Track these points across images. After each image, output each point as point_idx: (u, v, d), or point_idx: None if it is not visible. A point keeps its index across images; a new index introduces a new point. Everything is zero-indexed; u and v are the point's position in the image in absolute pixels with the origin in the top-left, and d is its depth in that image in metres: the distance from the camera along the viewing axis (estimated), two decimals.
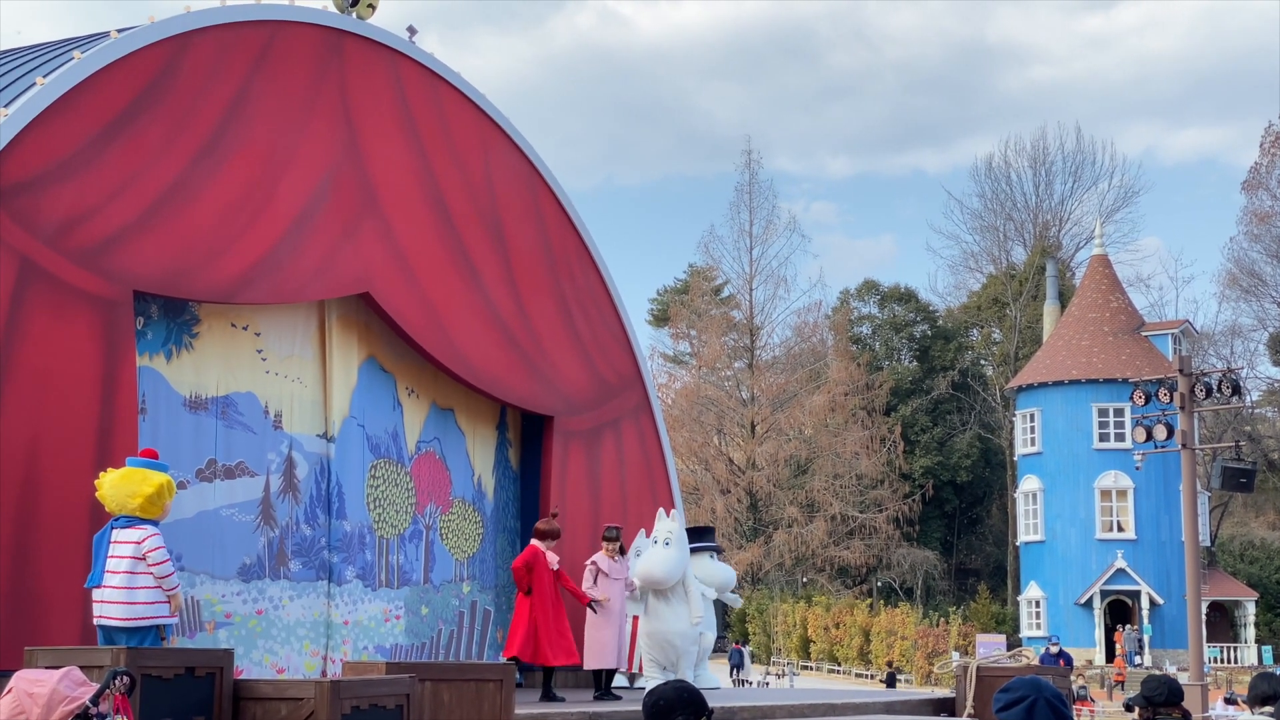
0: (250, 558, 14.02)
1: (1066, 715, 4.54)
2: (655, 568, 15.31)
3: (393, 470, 16.29)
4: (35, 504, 11.94)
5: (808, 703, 14.49)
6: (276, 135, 14.53)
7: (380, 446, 16.14)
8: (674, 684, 4.85)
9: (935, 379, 69.40)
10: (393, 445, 16.37)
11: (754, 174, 69.38)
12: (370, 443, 15.98)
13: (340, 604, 15.36)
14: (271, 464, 14.39)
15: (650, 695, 4.82)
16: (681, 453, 63.52)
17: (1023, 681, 4.58)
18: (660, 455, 19.54)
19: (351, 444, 15.71)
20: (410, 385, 16.70)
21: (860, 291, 74.86)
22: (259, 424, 14.38)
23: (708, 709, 4.77)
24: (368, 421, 15.96)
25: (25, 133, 12.33)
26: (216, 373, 14.08)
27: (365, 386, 16.01)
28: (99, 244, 12.76)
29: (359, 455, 15.82)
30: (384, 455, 16.18)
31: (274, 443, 14.50)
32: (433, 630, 16.59)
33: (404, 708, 9.13)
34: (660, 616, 15.47)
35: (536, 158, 18.02)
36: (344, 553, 15.40)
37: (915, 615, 55.97)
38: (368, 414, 15.98)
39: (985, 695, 15.76)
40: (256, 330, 14.54)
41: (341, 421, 15.65)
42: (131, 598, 10.07)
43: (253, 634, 13.78)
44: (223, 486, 13.90)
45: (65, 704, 6.99)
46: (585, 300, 18.55)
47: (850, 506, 64.33)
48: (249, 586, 13.99)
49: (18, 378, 12.01)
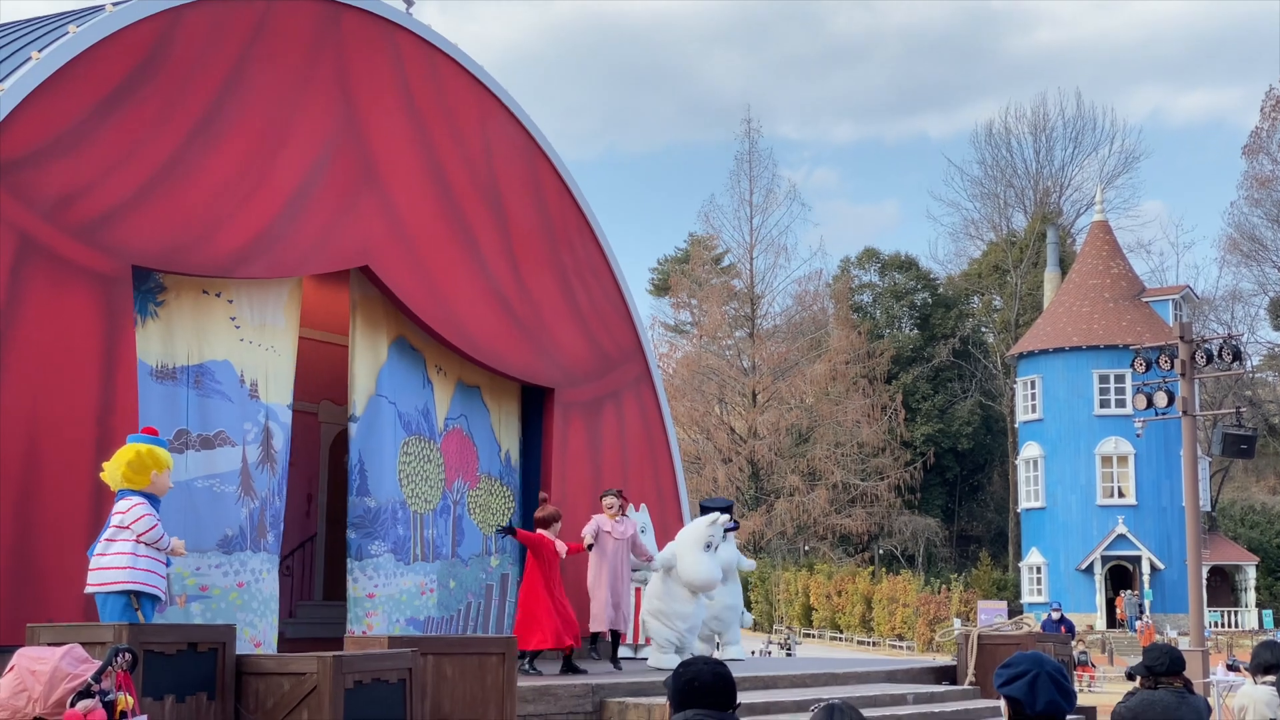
0: (232, 529, 13.64)
1: (1068, 689, 4.54)
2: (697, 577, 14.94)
3: (424, 446, 16.45)
4: (36, 481, 11.94)
5: (810, 672, 14.53)
6: (274, 109, 14.48)
7: (412, 423, 16.29)
8: (712, 666, 4.68)
9: (936, 347, 69.40)
10: (424, 422, 16.52)
11: (754, 143, 69.27)
12: (402, 420, 16.12)
13: (363, 578, 15.47)
14: (249, 434, 13.98)
15: (685, 671, 4.66)
16: (683, 422, 63.57)
17: (1024, 656, 4.57)
18: (661, 426, 19.54)
19: (382, 421, 15.81)
20: (438, 363, 16.83)
21: (861, 260, 74.80)
22: (236, 393, 13.96)
23: (737, 699, 4.66)
24: (399, 399, 16.08)
25: (21, 108, 12.28)
26: (187, 341, 13.65)
27: (395, 365, 16.11)
28: (97, 219, 12.72)
29: (391, 432, 15.92)
30: (415, 432, 16.33)
31: (251, 412, 14.09)
32: (461, 603, 16.72)
33: (406, 681, 9.14)
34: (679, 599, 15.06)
35: (536, 130, 17.96)
36: (366, 529, 15.51)
37: (917, 582, 56.12)
38: (399, 392, 16.10)
39: (986, 663, 15.81)
40: (230, 298, 14.05)
41: (367, 400, 15.74)
42: (99, 564, 10.04)
43: (232, 607, 13.52)
44: (199, 457, 13.49)
45: (67, 681, 7.00)
46: (585, 272, 18.52)
47: (852, 474, 64.40)
48: (230, 559, 13.63)
49: (17, 354, 11.99)
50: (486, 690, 9.85)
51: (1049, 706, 4.48)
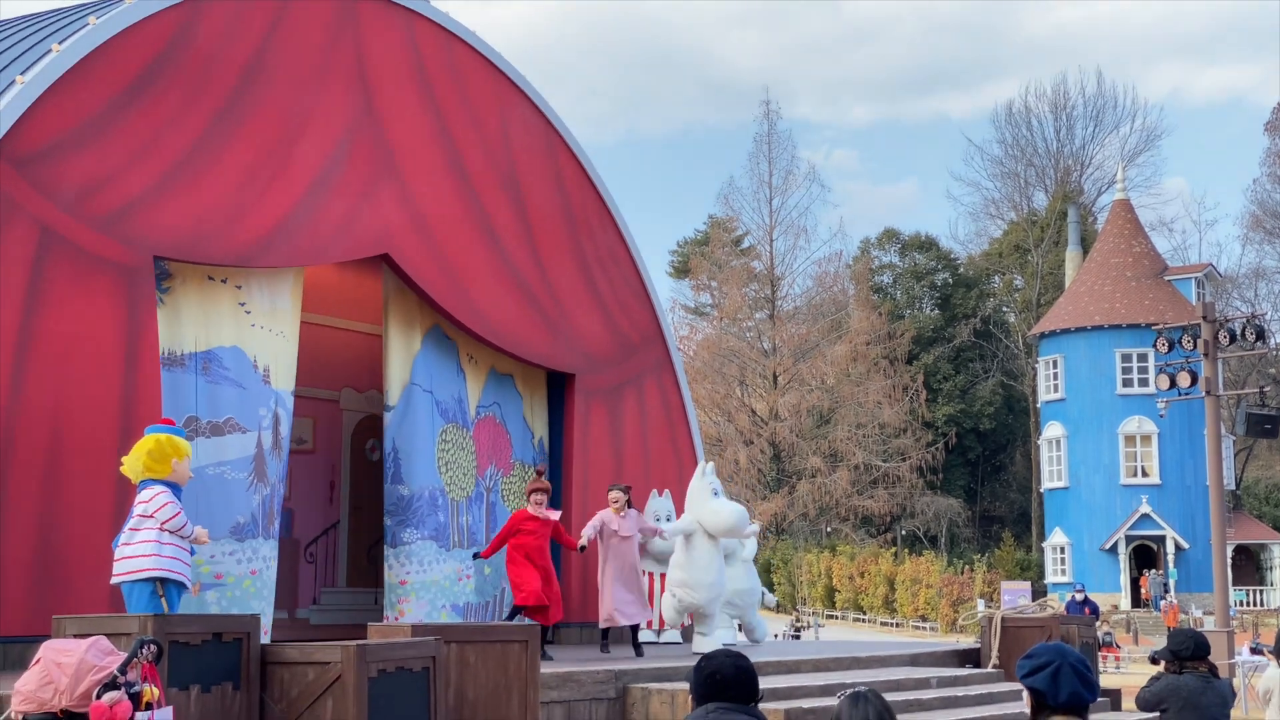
0: (244, 516, 13.60)
1: (1091, 679, 4.54)
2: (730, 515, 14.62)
3: (459, 434, 16.60)
4: (60, 472, 12.01)
5: (832, 656, 14.52)
6: (293, 98, 14.50)
7: (449, 411, 16.43)
8: (734, 659, 4.69)
9: (957, 327, 69.24)
10: (458, 410, 16.64)
11: (773, 124, 69.17)
12: (440, 408, 16.27)
13: (397, 565, 15.63)
14: (262, 420, 13.92)
15: (707, 664, 4.66)
16: (704, 404, 63.57)
17: (1047, 647, 4.57)
18: (682, 411, 19.54)
19: (417, 410, 15.94)
20: (470, 352, 16.91)
21: (881, 240, 74.66)
22: (248, 379, 13.86)
23: (759, 692, 4.66)
24: (436, 388, 16.21)
25: (42, 100, 12.33)
26: (194, 328, 13.54)
27: (430, 354, 16.22)
28: (118, 210, 12.77)
29: (426, 421, 16.04)
30: (451, 420, 16.47)
31: (264, 398, 13.98)
32: (495, 589, 16.83)
33: (430, 670, 9.15)
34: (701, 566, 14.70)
35: (554, 116, 17.95)
36: (400, 516, 15.66)
37: (940, 563, 56.07)
38: (435, 380, 16.23)
39: (1010, 645, 15.77)
40: (237, 283, 13.93)
41: (402, 389, 15.88)
42: (124, 554, 10.07)
43: (246, 594, 13.53)
44: (208, 444, 13.37)
45: (93, 673, 7.03)
46: (605, 258, 18.52)
47: (873, 456, 64.33)
48: (242, 546, 13.58)
49: (40, 345, 12.06)
50: (509, 677, 9.87)
51: (1072, 698, 4.47)
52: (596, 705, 11.36)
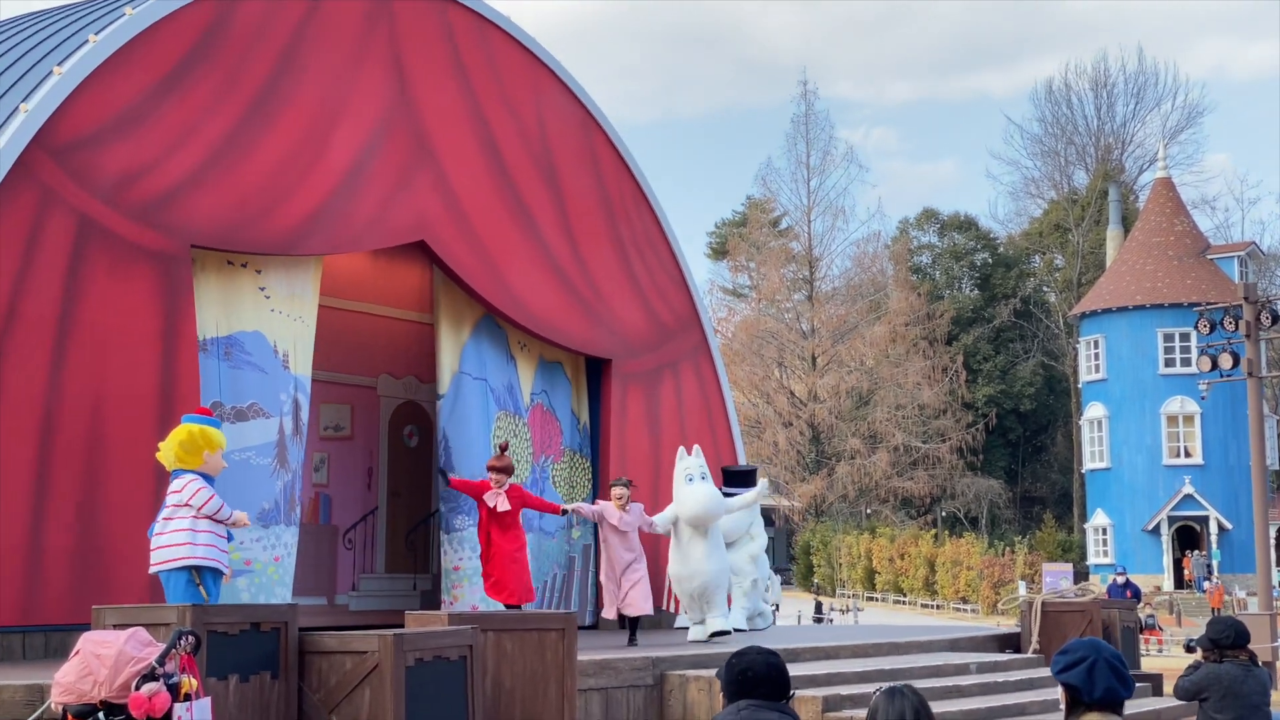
0: (268, 502, 13.58)
1: (1126, 675, 4.50)
2: (705, 503, 14.02)
3: (512, 422, 16.74)
4: (100, 461, 12.09)
5: (872, 642, 14.50)
6: (328, 85, 14.53)
7: (501, 399, 16.56)
8: (765, 656, 4.67)
9: (997, 307, 68.85)
10: (509, 398, 16.78)
11: (810, 104, 68.87)
12: (494, 396, 16.40)
13: (451, 551, 15.81)
14: (284, 405, 13.87)
15: (739, 661, 4.65)
16: (742, 386, 63.47)
17: (1082, 643, 4.54)
18: (719, 396, 19.52)
19: (467, 398, 16.06)
20: (521, 339, 17.00)
21: (920, 220, 74.26)
22: (269, 364, 13.82)
23: (791, 688, 4.64)
24: (489, 375, 16.34)
25: (79, 90, 12.40)
26: (215, 312, 13.50)
27: (480, 342, 16.33)
28: (156, 199, 12.83)
29: (481, 409, 16.17)
30: (504, 407, 16.60)
31: (285, 383, 13.94)
32: (547, 574, 16.95)
33: (467, 659, 9.19)
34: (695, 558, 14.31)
35: (590, 101, 17.92)
36: (452, 503, 15.82)
37: (980, 545, 55.82)
38: (486, 368, 16.35)
39: (1051, 630, 15.72)
40: (257, 268, 13.87)
41: (451, 378, 16.00)
42: (159, 543, 10.10)
43: (272, 581, 13.56)
44: (232, 429, 13.26)
45: (132, 665, 7.07)
46: (641, 243, 18.50)
47: (913, 437, 64.09)
48: (267, 533, 13.57)
49: (79, 334, 12.14)
50: (547, 665, 9.90)
51: (1107, 693, 4.44)
52: (634, 692, 11.39)
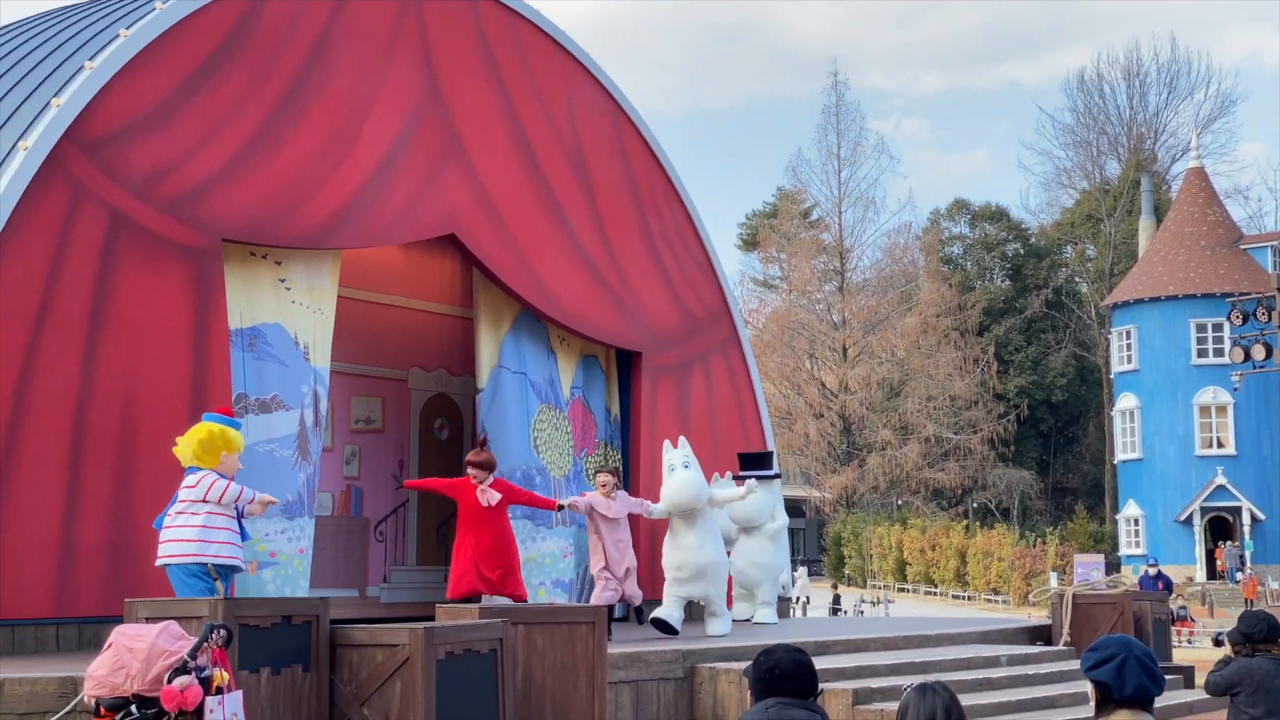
0: (291, 494, 13.60)
1: (1157, 673, 4.48)
2: (683, 491, 13.73)
3: (553, 415, 16.84)
4: (132, 455, 12.15)
5: (902, 634, 14.46)
6: (358, 79, 14.55)
7: (542, 392, 16.68)
8: (793, 654, 4.66)
9: (1028, 298, 68.58)
10: (551, 391, 16.88)
11: (841, 96, 68.87)
12: (535, 389, 16.53)
13: None
14: (304, 397, 13.86)
15: (766, 659, 4.64)
16: (773, 377, 63.41)
17: (1112, 640, 4.52)
18: (750, 388, 19.49)
19: (506, 392, 16.18)
20: (561, 334, 17.08)
21: (951, 211, 74.03)
22: (290, 356, 13.81)
23: (818, 687, 4.63)
24: (529, 369, 16.47)
25: (111, 85, 12.44)
26: (238, 304, 13.50)
27: (520, 336, 16.45)
28: (187, 194, 12.88)
29: (520, 401, 16.29)
30: (546, 401, 16.72)
31: (305, 375, 13.93)
32: (582, 566, 16.97)
33: (497, 652, 9.21)
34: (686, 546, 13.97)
35: (619, 93, 17.91)
36: None
37: (1012, 536, 55.65)
38: (526, 362, 16.47)
39: (1082, 622, 15.65)
40: (277, 259, 13.86)
41: (490, 372, 16.13)
42: (169, 536, 10.11)
43: (297, 573, 13.58)
44: (257, 421, 13.37)
45: (164, 658, 7.12)
46: (671, 235, 18.48)
47: (944, 428, 63.93)
48: (292, 524, 13.59)
49: (111, 329, 12.20)
50: (577, 658, 9.91)
51: (1137, 690, 4.42)
52: (664, 685, 11.39)
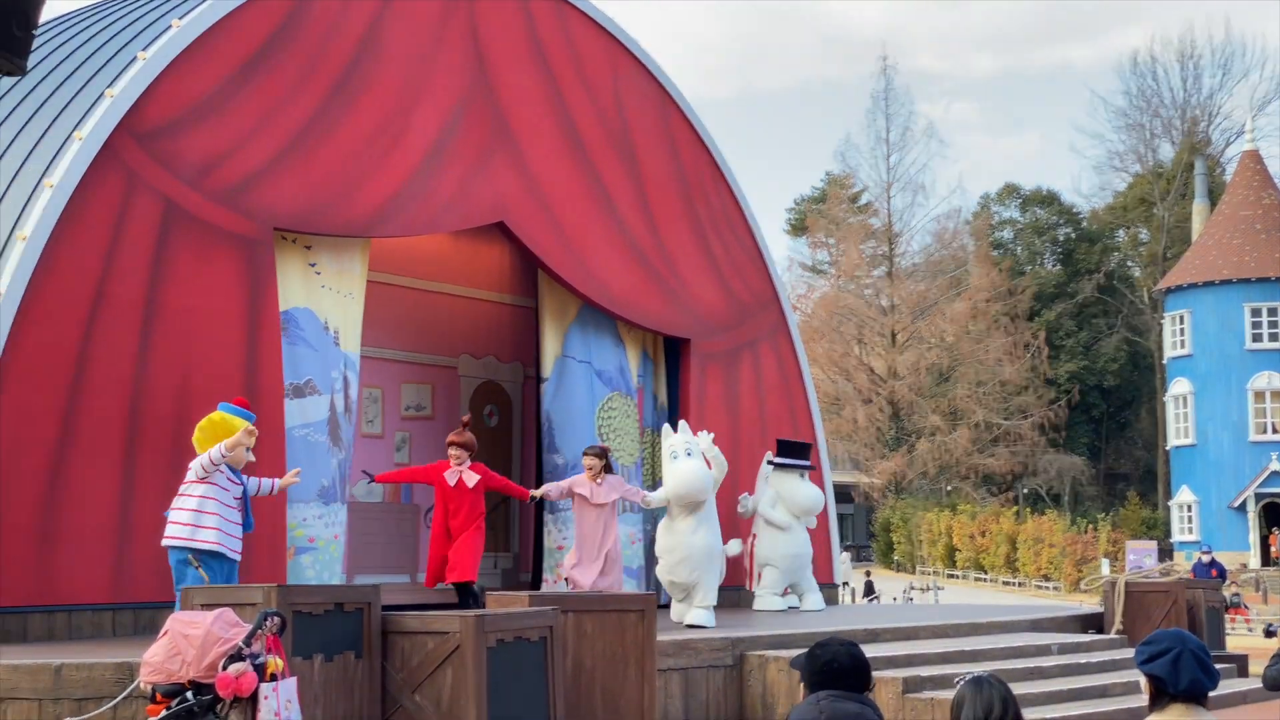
0: (327, 480, 13.64)
1: (1211, 667, 4.45)
2: (690, 481, 13.63)
3: (624, 402, 17.02)
4: (185, 441, 12.17)
5: (952, 622, 14.42)
6: (408, 67, 14.61)
7: (612, 380, 16.86)
8: (848, 648, 4.65)
9: (1080, 282, 68.07)
10: (620, 379, 17.05)
11: (890, 80, 68.56)
12: (601, 378, 16.69)
13: (555, 530, 16.09)
14: (335, 382, 13.83)
15: (822, 653, 4.63)
16: (822, 363, 63.24)
17: (1167, 634, 4.49)
18: (799, 375, 19.45)
19: (571, 381, 16.38)
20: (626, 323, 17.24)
21: (1001, 195, 73.56)
22: (320, 340, 13.80)
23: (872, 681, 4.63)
24: (594, 358, 16.65)
25: (163, 76, 12.56)
26: None
27: (585, 326, 16.65)
28: (238, 183, 12.98)
29: (585, 390, 16.46)
30: (616, 389, 16.90)
31: (335, 360, 13.90)
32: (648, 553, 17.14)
33: (547, 639, 9.24)
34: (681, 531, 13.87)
35: (667, 80, 17.90)
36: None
37: (1063, 522, 55.33)
38: (593, 351, 16.66)
39: (1134, 611, 15.56)
40: (307, 243, 13.80)
41: (555, 361, 16.37)
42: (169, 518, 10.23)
43: (333, 558, 13.62)
44: (293, 405, 13.36)
45: (219, 645, 7.19)
46: (719, 221, 18.46)
47: (994, 414, 63.60)
48: (328, 510, 13.61)
49: (166, 318, 12.31)
50: (626, 646, 9.93)
51: (1192, 685, 4.40)
52: (713, 673, 11.41)
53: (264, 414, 12.80)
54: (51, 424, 11.40)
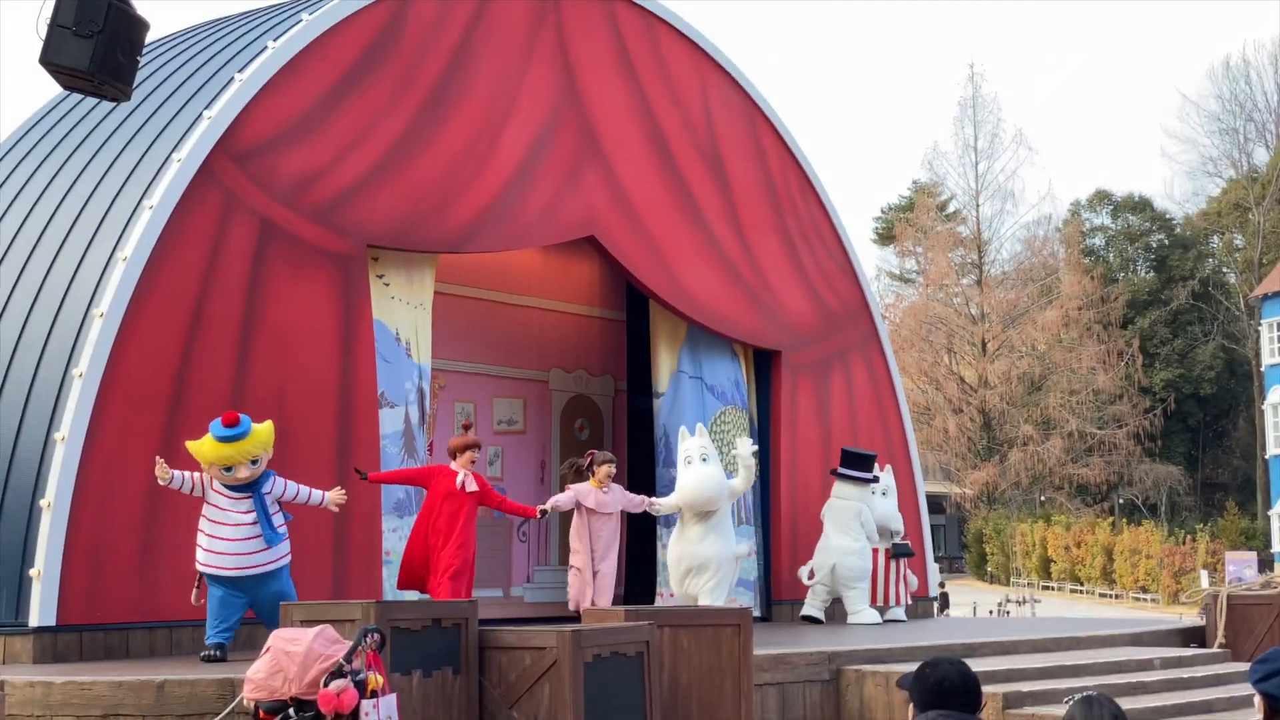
0: (402, 493, 13.53)
1: None
2: (705, 486, 13.44)
3: (736, 415, 17.13)
4: (281, 459, 12.32)
5: (1050, 636, 14.22)
6: (498, 84, 14.69)
7: (726, 395, 17.03)
8: (959, 667, 4.59)
9: (1174, 289, 67.09)
10: (735, 393, 17.20)
11: (977, 88, 67.98)
12: (714, 392, 16.87)
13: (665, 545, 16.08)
14: (409, 394, 13.77)
15: (932, 672, 4.58)
16: (911, 373, 62.82)
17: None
18: (890, 386, 19.31)
19: (685, 396, 16.62)
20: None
21: (1092, 202, 72.71)
22: (392, 352, 13.71)
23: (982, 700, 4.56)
24: (706, 373, 16.87)
25: (259, 96, 12.70)
26: None
27: (698, 341, 16.85)
28: (332, 201, 13.10)
29: (697, 404, 16.66)
30: (730, 403, 17.05)
31: (409, 371, 13.81)
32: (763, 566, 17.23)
33: (644, 654, 9.22)
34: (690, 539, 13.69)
35: (754, 90, 17.86)
36: None
37: (1160, 533, 54.52)
38: (704, 366, 16.89)
39: (1237, 624, 15.28)
40: (374, 254, 13.69)
41: (670, 377, 16.63)
42: None
43: None
44: None
45: (320, 662, 7.25)
46: (808, 231, 18.39)
47: (1088, 423, 62.84)
48: (403, 523, 13.49)
49: (263, 333, 12.45)
50: (723, 660, 9.89)
51: None
52: (810, 688, 11.33)
53: (360, 428, 12.94)
54: (152, 441, 11.54)
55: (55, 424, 11.31)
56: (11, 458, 11.58)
